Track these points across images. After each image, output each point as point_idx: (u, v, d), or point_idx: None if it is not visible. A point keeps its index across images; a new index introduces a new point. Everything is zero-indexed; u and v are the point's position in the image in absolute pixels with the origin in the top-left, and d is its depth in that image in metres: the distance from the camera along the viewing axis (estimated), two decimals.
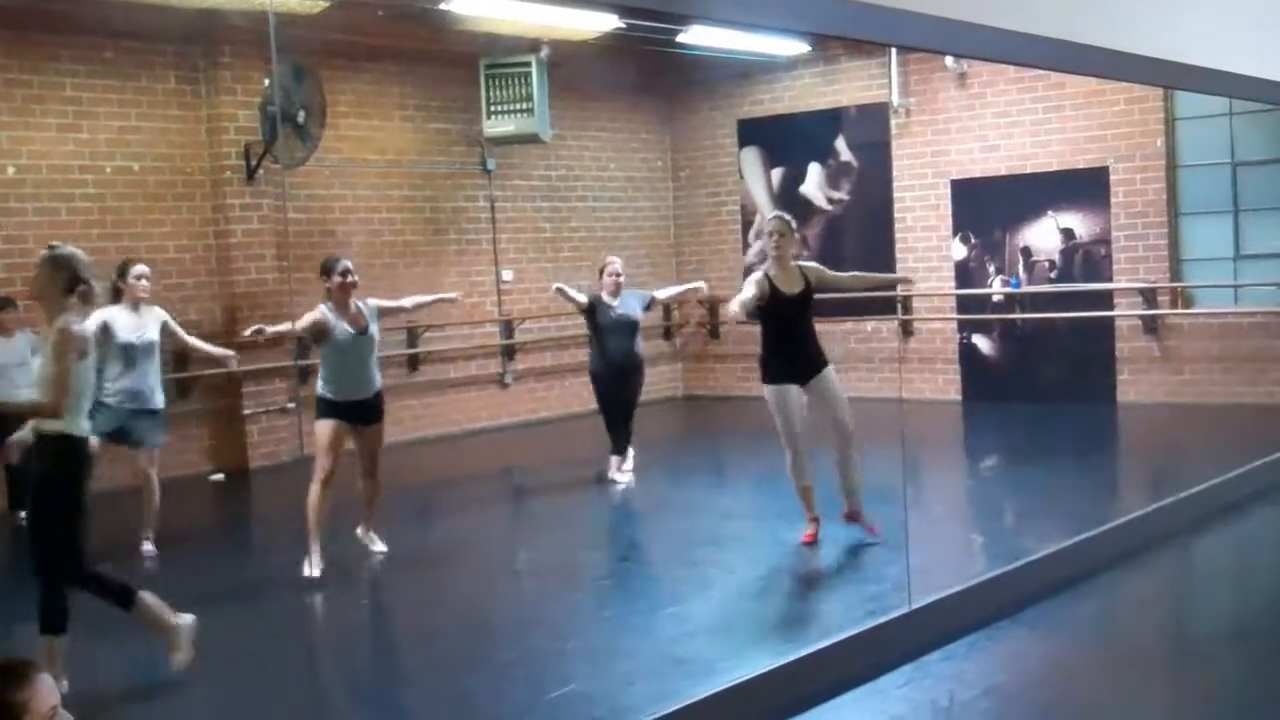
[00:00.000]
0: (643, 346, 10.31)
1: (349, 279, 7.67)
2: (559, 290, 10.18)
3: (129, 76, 11.04)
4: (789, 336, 7.74)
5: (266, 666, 6.14)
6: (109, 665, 5.98)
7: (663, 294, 10.70)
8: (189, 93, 11.44)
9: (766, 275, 7.62)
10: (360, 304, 7.75)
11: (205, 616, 6.48)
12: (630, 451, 10.30)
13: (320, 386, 7.73)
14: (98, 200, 10.82)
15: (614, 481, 10.12)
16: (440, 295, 9.27)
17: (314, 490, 7.63)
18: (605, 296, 10.06)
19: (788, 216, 7.98)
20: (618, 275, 10.08)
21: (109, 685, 5.76)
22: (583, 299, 10.07)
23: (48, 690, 2.74)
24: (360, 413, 7.73)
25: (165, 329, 8.38)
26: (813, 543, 7.67)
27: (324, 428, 7.67)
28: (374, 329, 7.78)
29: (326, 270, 7.72)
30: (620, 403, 10.19)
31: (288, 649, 6.40)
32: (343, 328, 7.60)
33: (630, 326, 10.06)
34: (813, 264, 8.22)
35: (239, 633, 6.69)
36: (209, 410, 11.40)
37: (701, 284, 11.47)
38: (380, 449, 7.96)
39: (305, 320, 7.63)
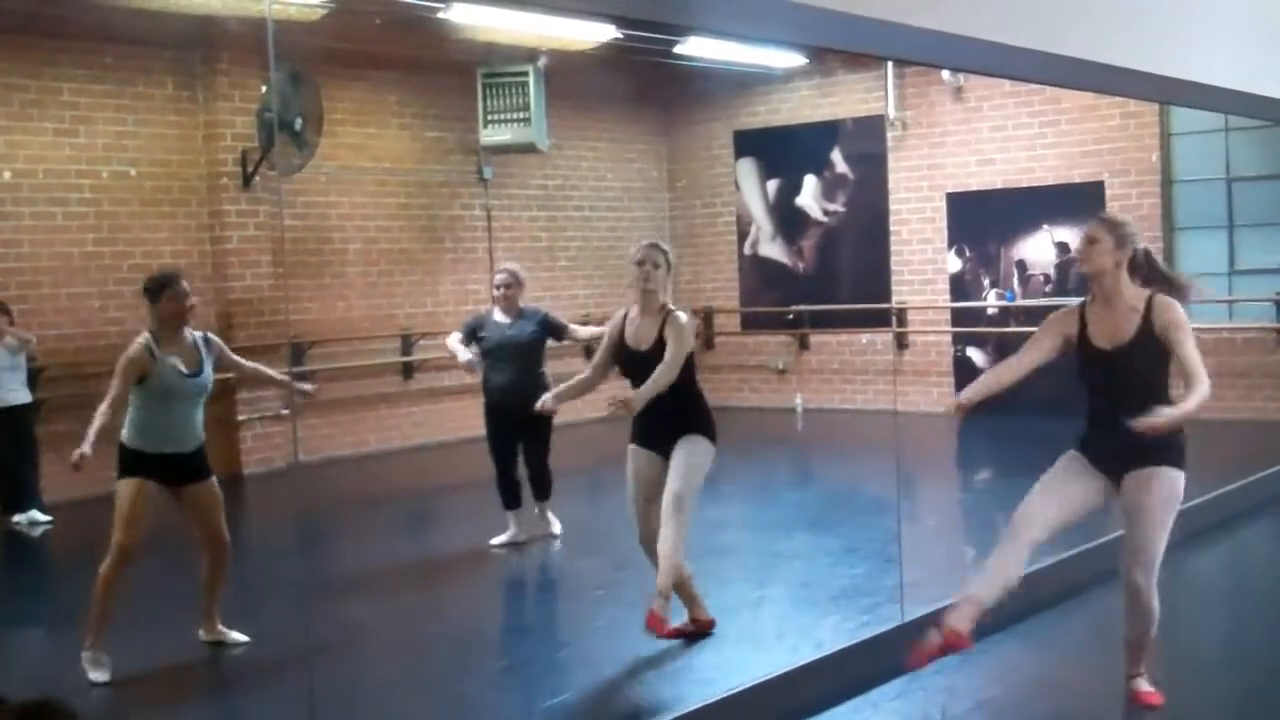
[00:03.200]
0: (546, 377, 8.15)
1: (185, 303, 6.02)
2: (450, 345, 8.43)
3: (126, 82, 11.04)
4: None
5: (257, 673, 6.13)
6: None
7: (581, 332, 8.70)
8: (186, 99, 11.45)
9: (624, 317, 6.09)
10: (197, 337, 6.14)
11: (196, 620, 6.48)
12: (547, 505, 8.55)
13: (126, 432, 6.03)
14: (94, 205, 10.82)
15: (511, 545, 8.28)
16: (300, 386, 7.32)
17: (104, 570, 5.92)
18: (497, 312, 8.22)
19: (664, 246, 6.14)
20: (506, 286, 8.15)
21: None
22: (457, 344, 8.24)
23: None
24: (178, 470, 6.11)
25: None
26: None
27: (127, 489, 5.96)
28: (209, 372, 6.17)
29: (153, 289, 6.03)
30: (511, 445, 8.28)
31: (281, 653, 6.39)
32: (170, 365, 5.96)
33: (519, 349, 8.08)
34: (680, 316, 5.97)
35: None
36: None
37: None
38: (220, 512, 6.34)
39: (121, 370, 5.90)
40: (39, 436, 9.65)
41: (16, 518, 9.47)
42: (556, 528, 8.54)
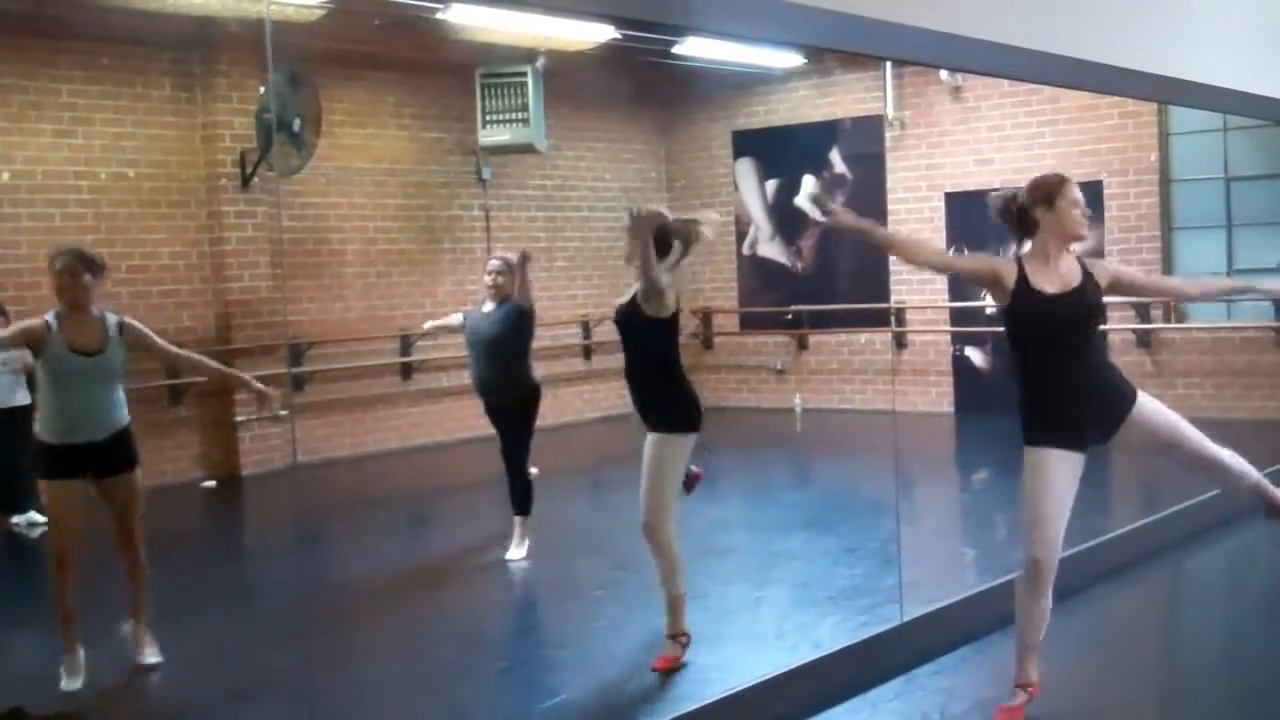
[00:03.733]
0: (530, 368, 8.14)
1: (77, 279, 5.78)
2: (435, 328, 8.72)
3: (125, 83, 11.04)
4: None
5: (255, 671, 6.13)
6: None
7: None
8: (185, 99, 11.45)
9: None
10: (110, 320, 5.88)
11: (195, 624, 6.48)
12: (526, 523, 8.02)
13: (37, 424, 5.83)
14: (92, 206, 10.81)
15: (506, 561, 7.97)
16: (256, 385, 6.44)
17: (51, 576, 5.78)
18: (486, 302, 8.12)
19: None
20: (496, 274, 8.03)
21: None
22: (456, 319, 8.41)
23: None
24: (93, 461, 5.75)
25: None
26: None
27: (47, 493, 5.76)
28: (114, 354, 5.81)
29: (50, 265, 5.89)
30: (503, 442, 8.07)
31: (279, 654, 6.39)
32: (62, 341, 5.69)
33: (494, 342, 7.91)
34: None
35: (229, 639, 6.68)
36: (201, 418, 11.38)
37: None
38: (138, 508, 5.91)
39: (11, 329, 5.93)
40: None
41: (15, 519, 9.47)
42: (516, 553, 7.93)
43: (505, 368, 7.91)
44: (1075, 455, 4.90)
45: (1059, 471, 4.88)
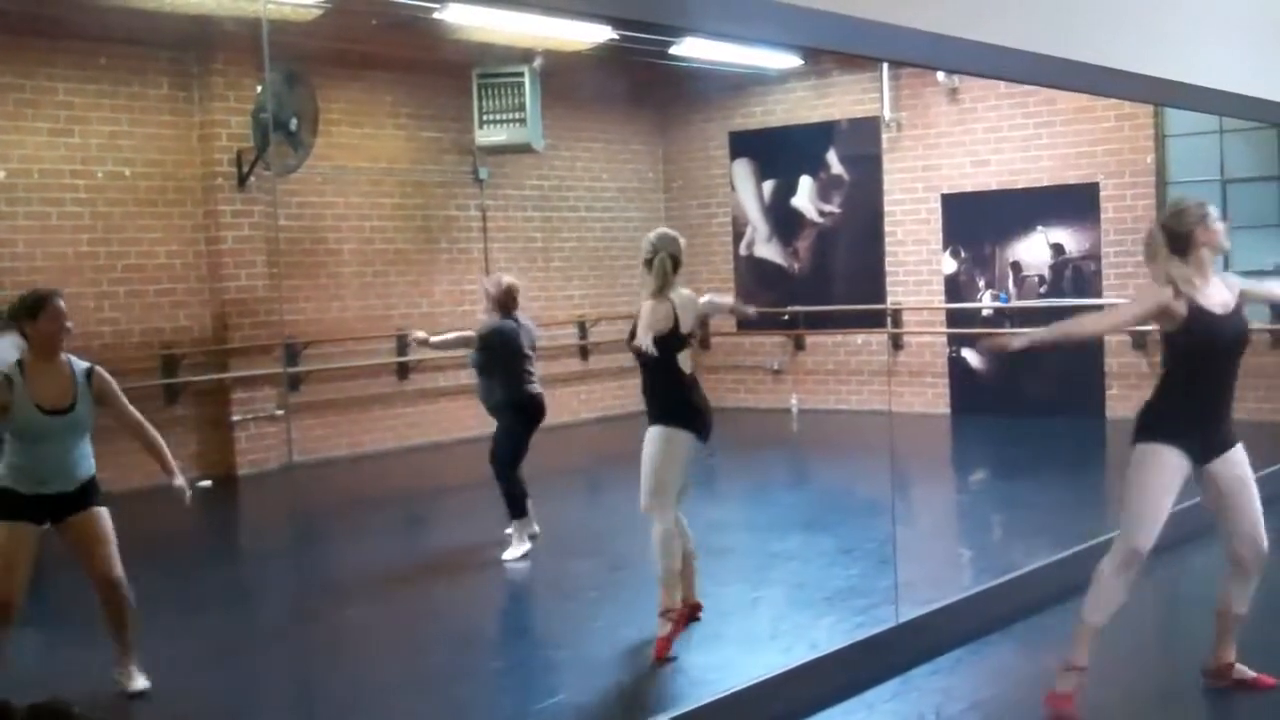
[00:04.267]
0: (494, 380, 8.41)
1: (66, 326, 5.45)
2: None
3: (122, 82, 11.04)
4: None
5: (255, 673, 6.13)
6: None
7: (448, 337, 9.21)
8: (181, 99, 11.44)
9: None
10: (79, 369, 5.53)
11: (191, 623, 6.48)
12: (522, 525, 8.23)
13: (5, 476, 5.43)
14: (89, 205, 10.81)
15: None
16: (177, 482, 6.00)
17: None
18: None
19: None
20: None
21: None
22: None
23: None
24: (58, 507, 5.45)
25: None
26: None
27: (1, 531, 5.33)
28: (83, 410, 5.49)
29: (30, 310, 5.42)
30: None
31: (277, 655, 6.39)
32: (26, 402, 5.31)
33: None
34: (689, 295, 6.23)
35: (228, 639, 6.68)
36: (197, 417, 11.37)
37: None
38: (109, 546, 5.54)
39: None
40: None
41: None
42: (513, 552, 8.05)
43: (489, 376, 8.41)
44: (1187, 463, 5.06)
45: (1174, 468, 5.02)
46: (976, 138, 13.60)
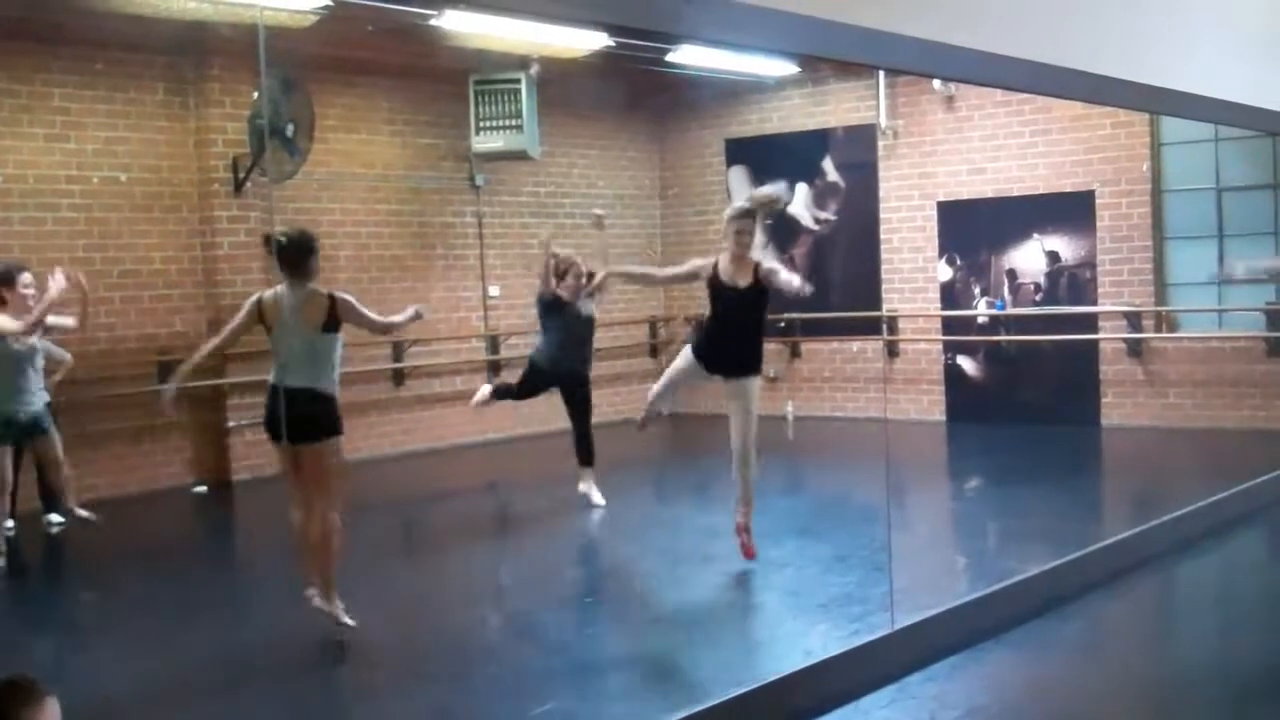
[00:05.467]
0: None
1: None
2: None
3: (118, 88, 11.03)
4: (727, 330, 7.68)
5: (245, 680, 6.11)
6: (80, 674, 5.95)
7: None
8: (177, 104, 11.44)
9: (714, 263, 7.78)
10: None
11: (184, 629, 6.46)
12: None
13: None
14: (84, 211, 10.80)
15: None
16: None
17: None
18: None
19: (749, 206, 7.89)
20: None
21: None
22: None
23: (53, 711, 2.78)
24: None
25: None
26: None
27: None
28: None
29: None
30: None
31: (269, 663, 6.38)
32: None
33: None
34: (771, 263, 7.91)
35: (220, 645, 6.67)
36: (192, 423, 11.36)
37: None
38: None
39: None
40: None
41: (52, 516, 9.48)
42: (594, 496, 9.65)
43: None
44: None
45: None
46: (972, 145, 13.61)
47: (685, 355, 7.87)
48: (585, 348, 9.73)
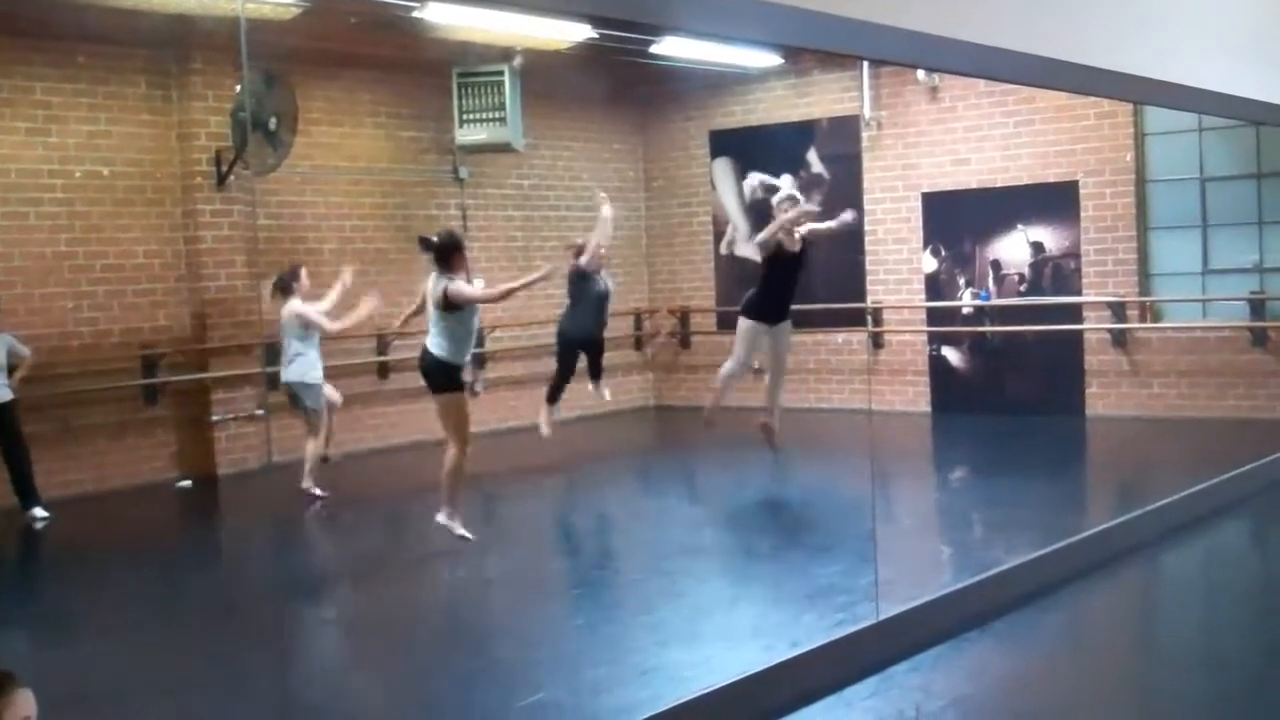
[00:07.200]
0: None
1: None
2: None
3: (100, 81, 10.98)
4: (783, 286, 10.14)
5: (233, 674, 6.11)
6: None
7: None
8: (160, 98, 11.39)
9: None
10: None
11: (172, 625, 6.45)
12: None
13: None
14: (66, 205, 10.75)
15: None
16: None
17: None
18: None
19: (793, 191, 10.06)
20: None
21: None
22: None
23: (24, 702, 2.79)
24: None
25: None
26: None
27: None
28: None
29: None
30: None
31: (255, 656, 6.37)
32: None
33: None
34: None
35: (207, 640, 6.66)
36: (176, 417, 11.33)
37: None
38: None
39: None
40: None
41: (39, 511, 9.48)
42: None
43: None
44: None
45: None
46: (956, 136, 13.62)
47: (744, 326, 10.22)
48: (602, 313, 11.19)
